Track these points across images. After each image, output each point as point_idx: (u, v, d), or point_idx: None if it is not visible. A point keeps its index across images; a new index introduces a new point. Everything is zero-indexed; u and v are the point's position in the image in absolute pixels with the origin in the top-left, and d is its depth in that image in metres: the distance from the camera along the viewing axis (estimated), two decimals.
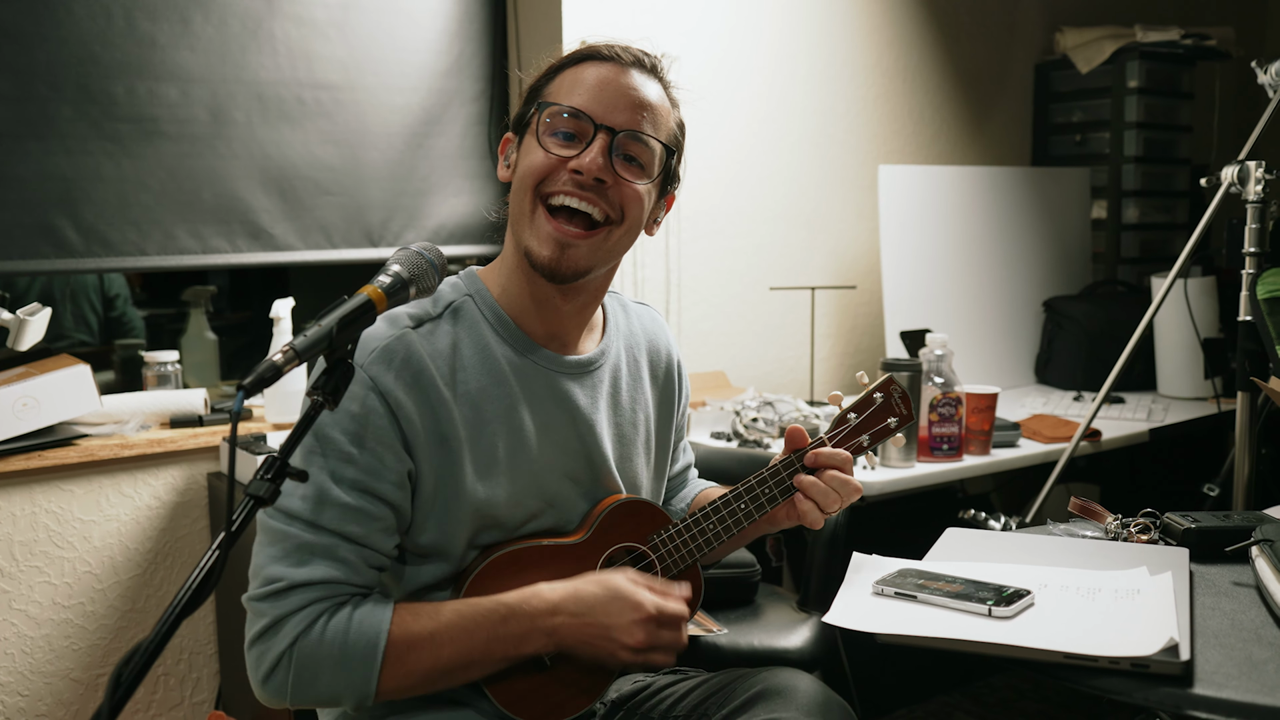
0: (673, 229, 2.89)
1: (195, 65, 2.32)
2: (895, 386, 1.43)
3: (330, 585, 1.16)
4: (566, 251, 1.23)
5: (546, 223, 1.23)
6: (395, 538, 1.22)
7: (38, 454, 2.09)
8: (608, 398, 1.37)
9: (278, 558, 1.16)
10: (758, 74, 3.03)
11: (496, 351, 1.27)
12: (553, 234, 1.23)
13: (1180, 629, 1.10)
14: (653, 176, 1.28)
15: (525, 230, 1.25)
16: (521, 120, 1.30)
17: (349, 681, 1.15)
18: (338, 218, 2.53)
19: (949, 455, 2.35)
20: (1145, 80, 3.45)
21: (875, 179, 3.14)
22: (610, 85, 1.25)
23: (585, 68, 1.27)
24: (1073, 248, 3.52)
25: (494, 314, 1.30)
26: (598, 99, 1.24)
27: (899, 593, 1.25)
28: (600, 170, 1.22)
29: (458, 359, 1.25)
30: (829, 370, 3.26)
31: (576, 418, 1.32)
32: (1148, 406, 2.92)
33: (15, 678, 2.13)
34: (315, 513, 1.16)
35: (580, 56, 1.29)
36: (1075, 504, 1.62)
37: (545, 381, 1.30)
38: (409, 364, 1.20)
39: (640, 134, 1.25)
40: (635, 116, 1.25)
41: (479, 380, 1.25)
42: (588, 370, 1.35)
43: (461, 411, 1.23)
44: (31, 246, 2.20)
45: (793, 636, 1.97)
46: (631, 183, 1.25)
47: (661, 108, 1.28)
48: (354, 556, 1.17)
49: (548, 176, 1.24)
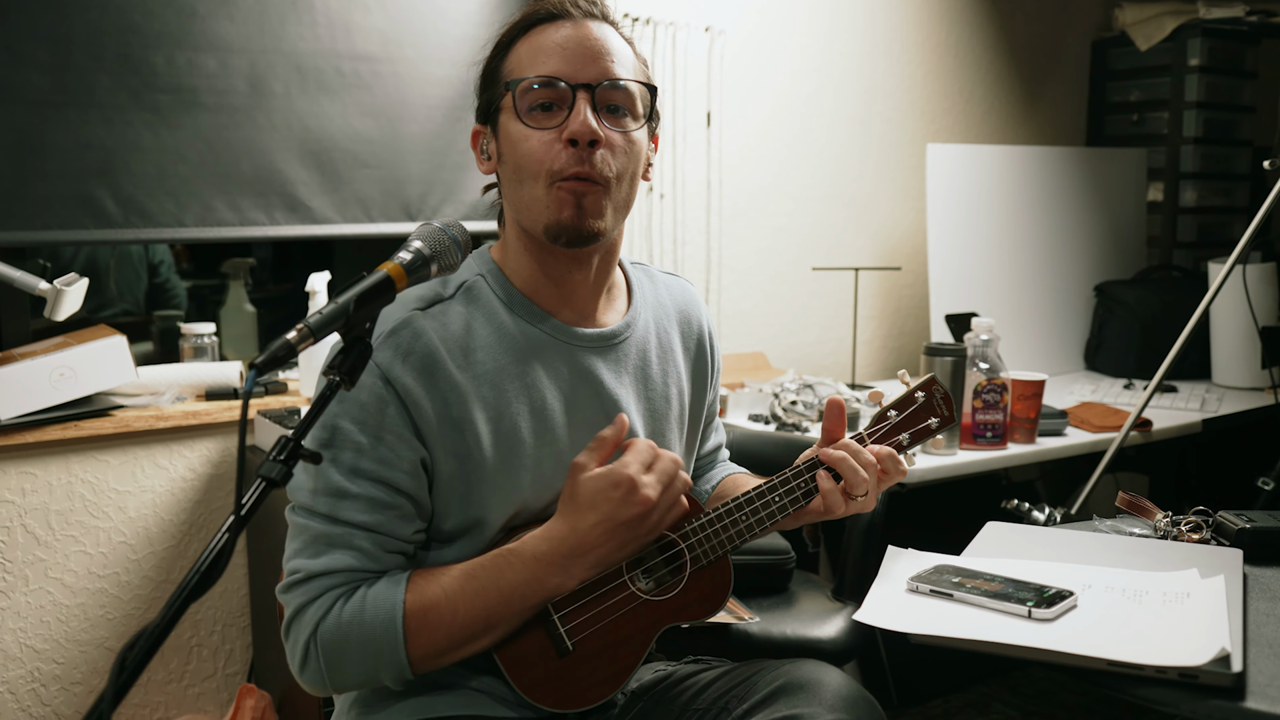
0: (714, 207, 2.84)
1: (235, 35, 2.30)
2: (938, 387, 1.39)
3: (347, 573, 1.15)
4: (583, 204, 1.19)
5: (556, 189, 1.19)
6: (415, 524, 1.19)
7: (74, 424, 2.09)
8: (636, 372, 1.33)
9: (298, 550, 1.16)
10: (801, 50, 2.96)
11: (513, 329, 1.24)
12: (563, 195, 1.19)
13: (1232, 637, 1.05)
14: (639, 120, 1.24)
15: (540, 211, 1.21)
16: (490, 108, 1.26)
17: (378, 657, 1.14)
18: (376, 191, 2.51)
19: (992, 443, 2.29)
20: (1207, 58, 3.33)
21: (923, 158, 3.06)
22: (571, 42, 1.20)
23: (540, 33, 1.22)
24: (1127, 231, 3.42)
25: (507, 291, 1.26)
26: (564, 59, 1.20)
27: (934, 590, 1.21)
28: (593, 131, 1.18)
29: (472, 340, 1.21)
30: (871, 353, 3.19)
31: (601, 394, 1.28)
32: (1201, 396, 2.83)
33: (51, 645, 2.14)
34: (329, 505, 1.14)
35: (529, 22, 1.24)
36: (1123, 499, 1.56)
37: (566, 357, 1.27)
38: (416, 349, 1.17)
39: (617, 81, 1.21)
40: (606, 65, 1.20)
41: (496, 360, 1.22)
42: (611, 343, 1.31)
43: (480, 393, 1.20)
44: (70, 217, 2.20)
45: (826, 626, 1.93)
46: (622, 131, 1.21)
47: (624, 50, 1.24)
48: (371, 545, 1.16)
49: (552, 157, 1.19)
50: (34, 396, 2.04)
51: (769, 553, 2.07)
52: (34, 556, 2.11)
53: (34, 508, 2.11)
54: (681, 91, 2.75)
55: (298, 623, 1.15)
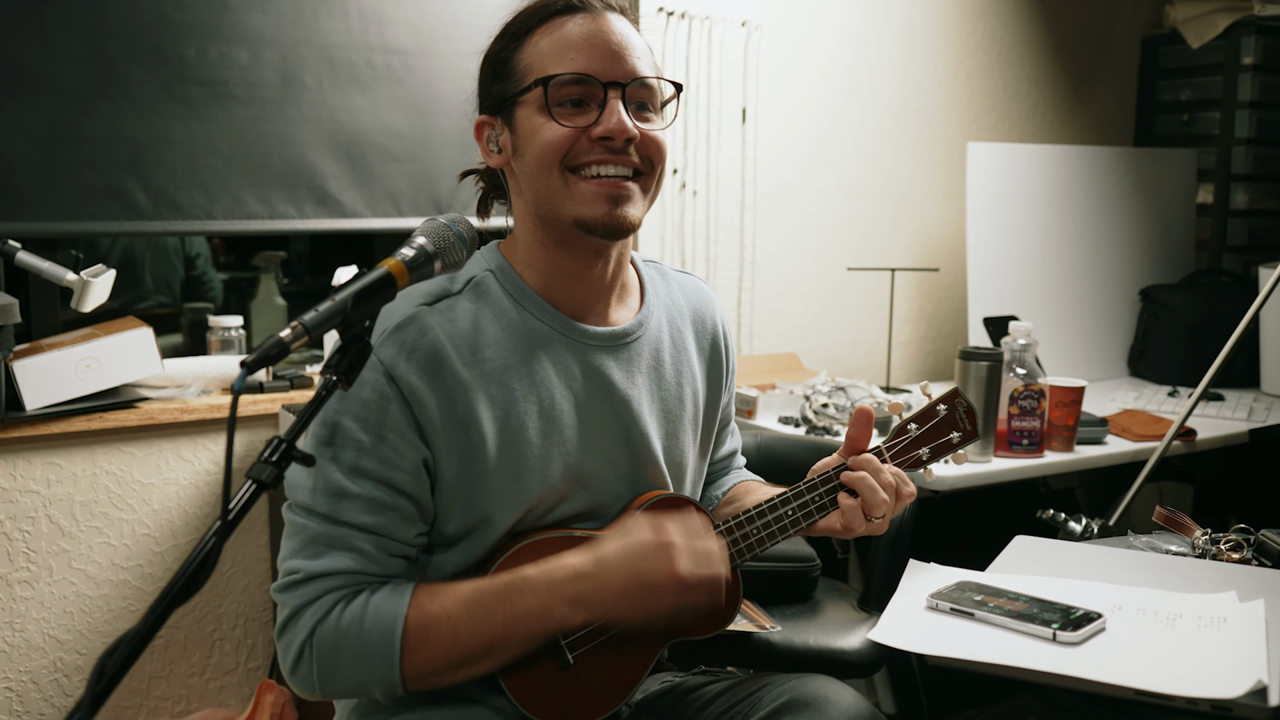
0: (748, 204, 2.79)
1: (266, 28, 2.29)
2: (961, 400, 1.33)
3: (347, 575, 1.12)
4: (620, 204, 1.17)
5: (589, 185, 1.17)
6: (417, 526, 1.16)
7: (99, 415, 2.09)
8: (649, 372, 1.29)
9: (296, 550, 1.13)
10: (839, 45, 2.90)
11: (522, 327, 1.21)
12: (599, 192, 1.16)
13: (1271, 668, 0.99)
14: (665, 117, 1.22)
15: (564, 204, 1.17)
16: (504, 100, 1.22)
17: (371, 668, 1.11)
18: (406, 185, 2.49)
19: (1029, 451, 2.23)
20: (1262, 57, 3.23)
21: (964, 157, 2.99)
22: (599, 38, 1.17)
23: (559, 25, 1.19)
24: (1175, 234, 3.33)
25: (518, 288, 1.23)
26: (593, 55, 1.16)
27: (955, 608, 1.16)
28: (629, 130, 1.15)
29: (480, 337, 1.18)
30: (907, 355, 3.13)
31: (612, 394, 1.25)
32: (1249, 405, 2.74)
33: (74, 636, 2.15)
34: (329, 505, 1.11)
35: (549, 13, 1.20)
36: (1160, 514, 1.49)
37: (577, 356, 1.23)
38: (422, 346, 1.13)
39: (645, 80, 1.18)
40: (633, 63, 1.18)
41: (505, 358, 1.19)
42: (623, 343, 1.27)
43: (487, 391, 1.17)
44: (101, 208, 2.20)
45: (850, 637, 1.88)
46: (654, 129, 1.19)
47: (643, 45, 1.21)
48: (371, 546, 1.12)
49: (571, 150, 1.16)
50: (60, 387, 2.05)
51: (793, 560, 2.02)
52: (58, 547, 2.12)
53: (59, 498, 2.11)
54: (717, 87, 2.71)
55: (294, 624, 1.12)
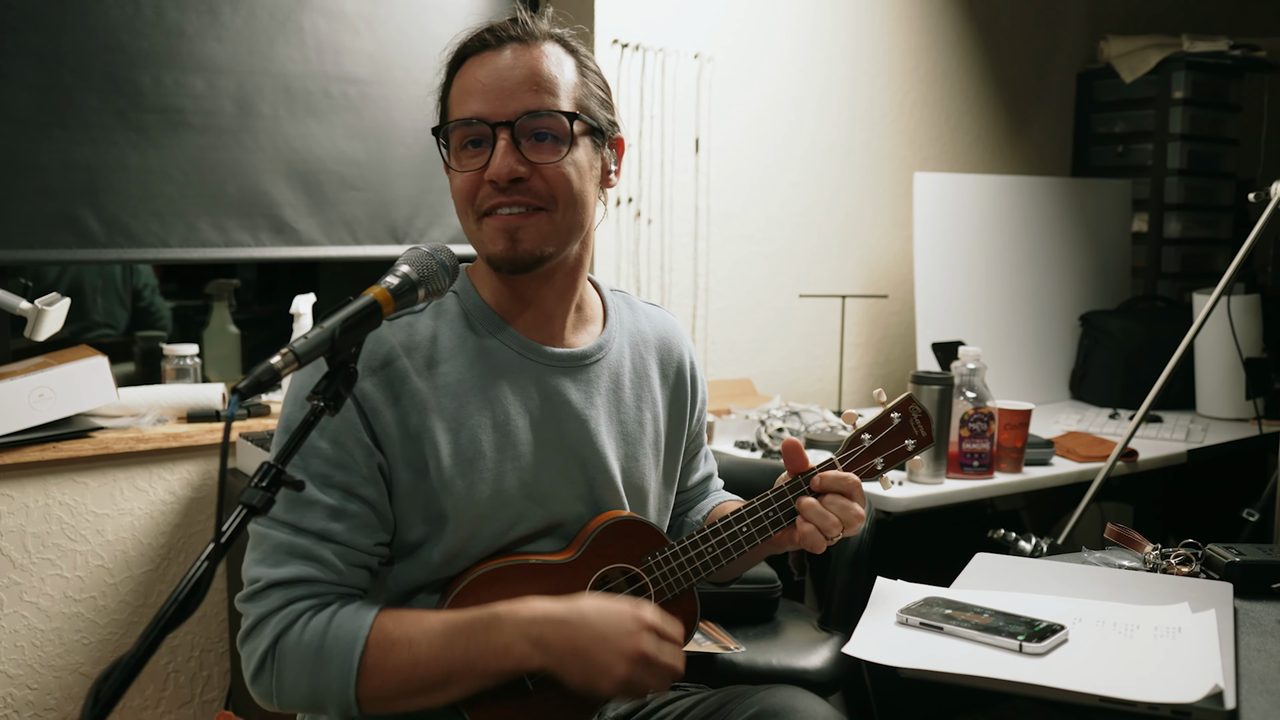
0: (701, 233, 2.83)
1: (223, 56, 2.29)
2: (915, 407, 1.35)
3: (309, 584, 1.13)
4: (518, 239, 1.20)
5: (491, 222, 1.21)
6: (377, 535, 1.18)
7: (53, 445, 2.06)
8: (608, 394, 1.32)
9: (259, 560, 1.15)
10: (789, 77, 2.97)
11: (479, 346, 1.24)
12: (497, 228, 1.20)
13: (1225, 673, 1.04)
14: (570, 143, 1.21)
15: (479, 244, 1.24)
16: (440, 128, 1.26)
17: (328, 684, 1.11)
18: (362, 213, 2.50)
19: (979, 472, 2.29)
20: (1191, 91, 3.36)
21: (910, 186, 3.07)
22: (491, 77, 1.20)
23: (468, 69, 1.23)
24: (1112, 261, 3.44)
25: (479, 309, 1.27)
26: (484, 97, 1.19)
27: (924, 623, 1.19)
28: (511, 172, 1.18)
29: (438, 353, 1.22)
30: (858, 380, 3.19)
31: (567, 414, 1.27)
32: (1186, 426, 2.83)
33: (25, 670, 2.11)
34: (290, 512, 1.13)
35: (461, 57, 1.24)
36: (1112, 531, 1.55)
37: (534, 376, 1.26)
38: (376, 355, 1.17)
39: (537, 112, 1.19)
40: (525, 97, 1.19)
41: (460, 374, 1.22)
42: (581, 364, 1.30)
43: (441, 403, 1.20)
44: (54, 236, 2.18)
45: (813, 656, 1.91)
46: (551, 162, 1.20)
47: (551, 72, 1.21)
48: (333, 555, 1.14)
49: (477, 195, 1.21)
50: (12, 417, 2.01)
51: (755, 581, 2.05)
52: (9, 580, 2.08)
53: (10, 530, 2.07)
54: (670, 117, 2.75)
55: (258, 632, 1.13)
